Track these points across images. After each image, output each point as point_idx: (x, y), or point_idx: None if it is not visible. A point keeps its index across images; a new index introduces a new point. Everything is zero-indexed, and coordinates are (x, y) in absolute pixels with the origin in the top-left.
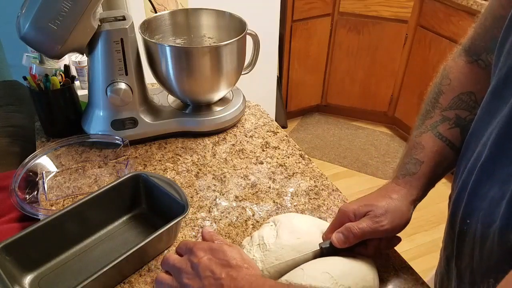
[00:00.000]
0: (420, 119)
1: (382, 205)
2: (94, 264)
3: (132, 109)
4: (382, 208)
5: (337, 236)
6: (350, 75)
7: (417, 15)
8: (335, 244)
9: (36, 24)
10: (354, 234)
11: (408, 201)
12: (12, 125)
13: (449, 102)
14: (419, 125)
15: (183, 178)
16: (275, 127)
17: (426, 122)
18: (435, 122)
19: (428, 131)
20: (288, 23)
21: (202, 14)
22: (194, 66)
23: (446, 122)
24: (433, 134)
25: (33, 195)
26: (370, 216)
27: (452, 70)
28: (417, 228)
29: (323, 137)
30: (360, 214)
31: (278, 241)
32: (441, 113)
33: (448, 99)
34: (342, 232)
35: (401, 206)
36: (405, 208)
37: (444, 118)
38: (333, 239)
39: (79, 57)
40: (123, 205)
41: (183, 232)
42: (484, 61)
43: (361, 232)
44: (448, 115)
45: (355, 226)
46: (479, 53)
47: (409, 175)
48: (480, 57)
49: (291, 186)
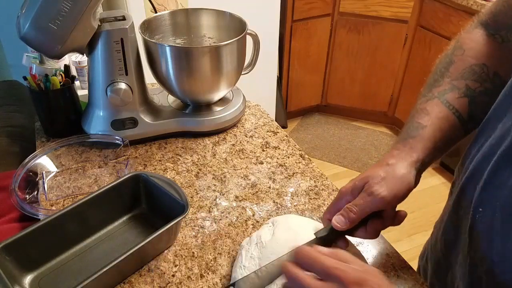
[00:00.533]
0: (427, 88)
1: (378, 174)
2: (94, 264)
3: (132, 109)
4: (378, 177)
5: (337, 219)
6: (350, 75)
7: (417, 15)
8: (336, 227)
9: (36, 24)
10: (354, 212)
11: (407, 163)
12: (12, 125)
13: (460, 72)
14: (425, 93)
15: (183, 178)
16: (275, 127)
17: (434, 90)
18: (444, 90)
19: (435, 98)
20: (288, 23)
21: (202, 14)
22: (194, 66)
23: (456, 91)
24: (440, 101)
25: (33, 195)
26: (366, 189)
27: (465, 41)
28: (417, 228)
29: (323, 137)
30: (358, 189)
31: (273, 238)
32: (450, 82)
33: (459, 69)
34: (341, 214)
35: (399, 169)
36: (405, 170)
37: (453, 87)
38: (333, 223)
39: (79, 57)
40: (123, 205)
41: (183, 232)
42: (502, 37)
43: (360, 209)
44: (457, 85)
45: (352, 205)
46: (499, 29)
47: (410, 138)
48: (499, 33)
49: (291, 186)
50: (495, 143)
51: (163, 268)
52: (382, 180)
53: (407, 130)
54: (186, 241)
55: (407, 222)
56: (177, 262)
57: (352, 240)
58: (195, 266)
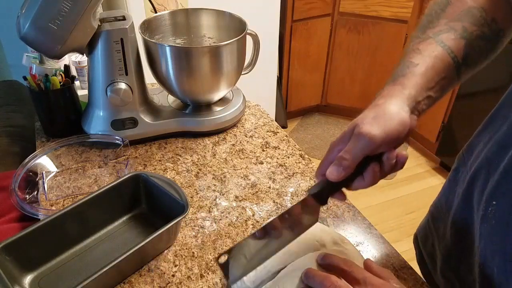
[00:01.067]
0: (420, 30)
1: (367, 115)
2: (94, 264)
3: (132, 109)
4: (367, 117)
5: (331, 169)
6: (350, 75)
7: (417, 15)
8: (330, 179)
9: (36, 24)
10: (346, 159)
11: (397, 99)
12: (12, 125)
13: (457, 13)
14: (418, 35)
15: (183, 178)
16: (275, 127)
17: (428, 31)
18: (439, 31)
19: (430, 38)
20: (288, 23)
21: (202, 14)
22: (194, 66)
23: (452, 32)
24: (435, 41)
25: (33, 195)
26: (354, 133)
27: None
28: None
29: (323, 137)
30: (347, 136)
31: None
32: (447, 23)
33: (457, 11)
34: (334, 163)
35: (389, 106)
36: (395, 107)
37: (449, 28)
38: (327, 175)
39: (79, 57)
40: (123, 205)
41: (183, 232)
42: None
43: (352, 154)
44: (454, 26)
45: (343, 152)
46: None
47: (400, 77)
48: None
49: (291, 186)
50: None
51: (163, 268)
52: (372, 120)
53: (397, 70)
54: (186, 241)
55: (407, 222)
56: (177, 262)
57: (352, 240)
58: (195, 266)
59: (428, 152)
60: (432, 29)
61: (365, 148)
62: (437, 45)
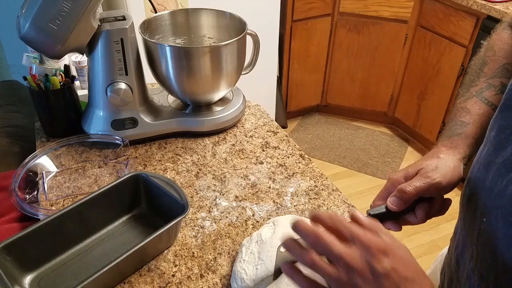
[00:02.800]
0: (464, 88)
1: (432, 162)
2: (94, 264)
3: (132, 109)
4: (432, 164)
5: (392, 200)
6: (350, 75)
7: (417, 15)
8: (390, 208)
9: (36, 24)
10: (408, 192)
11: (456, 158)
12: (12, 125)
13: (494, 71)
14: (463, 93)
15: (183, 178)
16: (275, 127)
17: (471, 90)
18: (480, 89)
19: (473, 97)
20: (288, 23)
21: (202, 14)
22: (194, 66)
23: (492, 89)
24: (479, 99)
25: (33, 195)
26: (421, 173)
27: (496, 42)
28: (417, 228)
29: (323, 137)
30: (410, 175)
31: (273, 236)
32: (486, 80)
33: (493, 69)
34: (395, 194)
35: (450, 162)
36: (456, 163)
37: (489, 85)
38: (388, 203)
39: (79, 57)
40: (123, 205)
41: (183, 232)
42: None
43: (415, 189)
44: (493, 83)
45: (407, 185)
46: None
47: (455, 135)
48: None
49: (291, 186)
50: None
51: (163, 268)
52: (437, 168)
53: (451, 127)
54: (186, 241)
55: None
56: (177, 262)
57: None
58: (195, 266)
59: None
60: (475, 87)
61: (428, 189)
62: (481, 103)
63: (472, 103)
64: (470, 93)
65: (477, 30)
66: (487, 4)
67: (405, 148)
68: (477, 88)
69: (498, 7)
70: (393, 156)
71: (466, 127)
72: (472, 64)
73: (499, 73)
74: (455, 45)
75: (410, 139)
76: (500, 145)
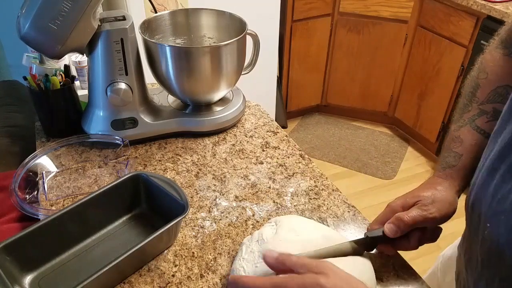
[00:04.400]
0: (458, 113)
1: (429, 195)
2: (94, 264)
3: (132, 109)
4: (429, 198)
5: (389, 227)
6: (350, 75)
7: (417, 15)
8: (387, 234)
9: (36, 24)
10: (405, 222)
11: (452, 192)
12: (12, 125)
13: (486, 96)
14: (457, 119)
15: (183, 178)
16: (275, 127)
17: (464, 116)
18: (473, 116)
19: (466, 124)
20: (288, 23)
21: (202, 14)
22: (194, 66)
23: (484, 116)
24: (471, 127)
25: (33, 195)
26: (419, 205)
27: (488, 63)
28: None
29: (323, 137)
30: (408, 205)
31: (276, 236)
32: (478, 106)
33: (485, 93)
34: (393, 222)
35: (447, 196)
36: (451, 198)
37: (481, 112)
38: (385, 229)
39: (79, 57)
40: (123, 205)
41: (183, 232)
42: None
43: (412, 220)
44: (485, 109)
45: (405, 215)
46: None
47: (449, 168)
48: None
49: (291, 186)
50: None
51: (163, 268)
52: (433, 202)
53: (445, 159)
54: (186, 241)
55: None
56: (177, 262)
57: None
58: (195, 266)
59: (428, 152)
60: (467, 113)
61: (423, 222)
62: (474, 132)
63: (466, 132)
64: (463, 120)
65: (477, 30)
66: (487, 4)
67: (405, 148)
68: (470, 115)
69: (498, 7)
70: (393, 156)
71: (459, 158)
72: (466, 86)
73: (491, 98)
74: (455, 45)
75: (410, 139)
76: (505, 150)
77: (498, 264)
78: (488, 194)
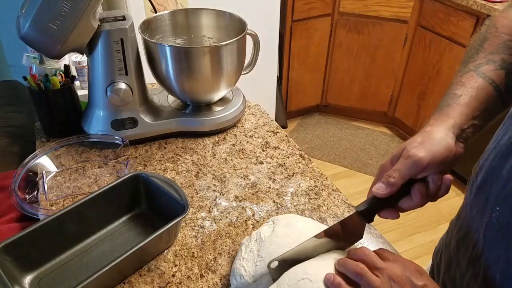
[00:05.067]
0: (462, 64)
1: (415, 139)
2: (94, 264)
3: (132, 109)
4: (415, 141)
5: (377, 186)
6: (350, 75)
7: (417, 15)
8: (376, 194)
9: (36, 24)
10: (393, 177)
11: (443, 127)
12: (12, 125)
13: (495, 47)
14: (460, 69)
15: (183, 178)
16: (275, 127)
17: (469, 65)
18: (479, 64)
19: (471, 71)
20: (288, 23)
21: (202, 14)
22: (194, 66)
23: (491, 64)
24: (476, 73)
25: (33, 195)
26: (403, 155)
27: (499, 19)
28: (417, 228)
29: (323, 137)
30: (396, 158)
31: (273, 234)
32: (485, 56)
33: (494, 44)
34: (381, 180)
35: (436, 133)
36: (442, 133)
37: (488, 61)
38: (373, 190)
39: (79, 57)
40: (123, 205)
41: (183, 232)
42: None
43: (398, 173)
44: (493, 58)
45: (391, 171)
46: None
47: (445, 107)
48: None
49: (291, 186)
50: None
51: (163, 268)
52: (419, 144)
53: (442, 101)
54: (186, 241)
55: (407, 222)
56: (177, 262)
57: None
58: (195, 266)
59: None
60: (473, 62)
61: (411, 168)
62: (478, 77)
63: (468, 77)
64: (468, 67)
65: (477, 30)
66: (487, 4)
67: None
68: (475, 63)
69: (498, 7)
70: None
71: (458, 98)
72: (472, 41)
73: (500, 49)
74: (455, 45)
75: None
76: None
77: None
78: (501, 177)
